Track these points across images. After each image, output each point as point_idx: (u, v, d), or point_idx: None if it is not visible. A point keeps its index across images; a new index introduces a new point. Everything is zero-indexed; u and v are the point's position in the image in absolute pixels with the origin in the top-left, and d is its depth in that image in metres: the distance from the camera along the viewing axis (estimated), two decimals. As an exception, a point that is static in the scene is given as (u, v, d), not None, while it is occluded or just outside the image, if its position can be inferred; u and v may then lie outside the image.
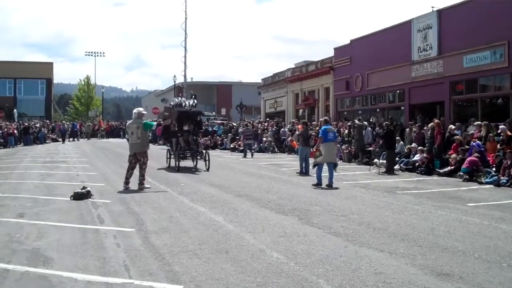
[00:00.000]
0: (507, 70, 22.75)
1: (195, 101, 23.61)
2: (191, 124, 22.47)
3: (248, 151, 30.36)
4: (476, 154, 18.69)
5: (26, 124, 46.92)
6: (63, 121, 59.22)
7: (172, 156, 22.03)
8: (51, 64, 75.64)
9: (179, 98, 24.01)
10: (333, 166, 16.56)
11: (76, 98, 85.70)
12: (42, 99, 69.28)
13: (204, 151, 22.27)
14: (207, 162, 20.97)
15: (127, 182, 15.07)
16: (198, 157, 21.51)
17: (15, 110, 58.29)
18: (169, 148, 23.00)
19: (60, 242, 8.47)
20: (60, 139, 47.89)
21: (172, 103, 23.79)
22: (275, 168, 22.47)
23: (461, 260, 7.42)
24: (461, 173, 18.46)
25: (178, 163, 20.53)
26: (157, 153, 25.79)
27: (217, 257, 7.47)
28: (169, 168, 21.24)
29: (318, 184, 16.10)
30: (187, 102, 23.24)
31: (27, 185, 16.16)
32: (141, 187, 14.83)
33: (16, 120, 52.04)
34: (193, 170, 20.61)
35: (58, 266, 7.08)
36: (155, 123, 20.09)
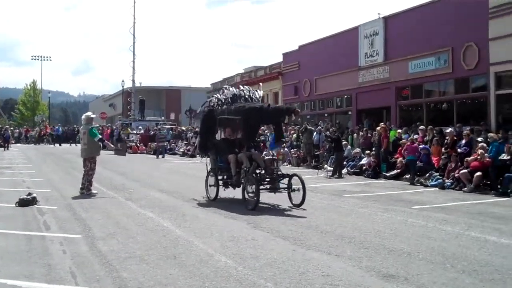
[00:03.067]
0: (451, 75, 23.30)
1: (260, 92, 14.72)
2: (252, 130, 13.62)
3: (160, 153, 34.93)
4: (410, 140, 19.81)
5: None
6: (7, 127, 57.80)
7: (221, 183, 13.76)
8: (-5, 68, 73.90)
9: (238, 88, 14.61)
10: None
11: (22, 103, 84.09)
12: (-14, 104, 67.56)
13: (287, 174, 13.11)
14: (298, 191, 12.44)
15: (82, 187, 14.84)
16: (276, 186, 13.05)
17: None
18: (213, 168, 14.13)
19: (4, 249, 8.29)
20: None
21: (219, 95, 14.59)
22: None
23: (406, 261, 7.57)
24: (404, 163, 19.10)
25: (257, 198, 12.12)
26: (105, 159, 25.22)
27: (165, 263, 7.44)
28: (221, 204, 13.10)
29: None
30: (253, 95, 14.18)
31: (-30, 192, 15.74)
32: (88, 193, 14.63)
33: None
34: (276, 207, 12.87)
35: (1, 274, 6.92)
36: (99, 136, 16.28)
